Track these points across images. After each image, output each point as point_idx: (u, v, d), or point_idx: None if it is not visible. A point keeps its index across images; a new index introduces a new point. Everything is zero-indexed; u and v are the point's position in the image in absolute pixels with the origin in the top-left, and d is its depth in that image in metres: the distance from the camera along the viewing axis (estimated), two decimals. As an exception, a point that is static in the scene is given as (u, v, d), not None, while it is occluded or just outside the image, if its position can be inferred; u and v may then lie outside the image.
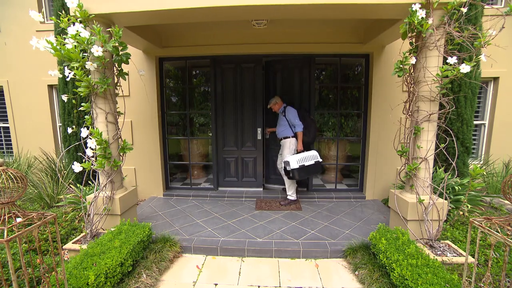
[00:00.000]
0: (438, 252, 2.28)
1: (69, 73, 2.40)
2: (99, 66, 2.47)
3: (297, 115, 3.63)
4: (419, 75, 2.43)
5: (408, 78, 2.55)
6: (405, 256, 1.99)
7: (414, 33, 2.41)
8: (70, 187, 3.56)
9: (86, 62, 2.35)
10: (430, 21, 2.21)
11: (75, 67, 2.36)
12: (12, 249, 2.29)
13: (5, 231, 1.33)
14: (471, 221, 1.46)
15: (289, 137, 3.65)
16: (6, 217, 1.43)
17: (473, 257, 2.16)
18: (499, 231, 1.31)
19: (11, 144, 4.86)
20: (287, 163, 3.50)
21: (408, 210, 2.49)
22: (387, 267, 2.08)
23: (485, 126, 4.46)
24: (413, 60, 2.35)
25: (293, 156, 3.53)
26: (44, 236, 2.66)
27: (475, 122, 4.37)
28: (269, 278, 2.37)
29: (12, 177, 1.42)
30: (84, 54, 2.44)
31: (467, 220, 2.90)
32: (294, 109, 3.67)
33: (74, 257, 2.04)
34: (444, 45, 2.38)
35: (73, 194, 3.34)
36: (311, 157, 3.58)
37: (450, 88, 3.68)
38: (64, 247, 2.49)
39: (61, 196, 3.53)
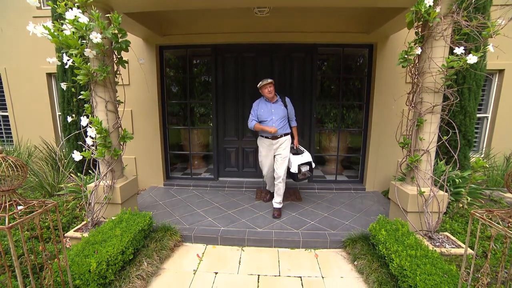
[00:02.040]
0: (437, 244, 2.30)
1: (68, 60, 2.35)
2: (98, 54, 2.43)
3: None
4: (424, 65, 2.38)
5: (413, 69, 2.51)
6: (405, 247, 2.01)
7: (421, 22, 2.35)
8: (71, 176, 3.56)
9: (85, 49, 2.30)
10: (437, 9, 2.15)
11: (73, 54, 2.32)
12: (14, 237, 2.31)
13: (7, 218, 1.33)
14: (472, 213, 1.46)
15: (289, 134, 3.20)
16: (7, 204, 1.43)
17: (472, 249, 2.19)
18: (500, 223, 1.31)
19: (10, 133, 4.84)
20: (304, 164, 3.16)
21: (408, 202, 2.50)
22: (386, 258, 2.10)
23: (487, 119, 4.42)
24: (418, 50, 2.30)
25: (307, 154, 3.24)
26: (46, 224, 2.68)
27: (478, 115, 4.33)
28: (269, 267, 2.40)
29: (12, 165, 1.41)
30: (83, 41, 2.39)
31: (466, 213, 2.92)
32: None
33: (76, 245, 2.06)
34: (451, 35, 2.33)
35: (73, 183, 3.35)
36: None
37: (455, 79, 3.63)
38: (65, 235, 2.51)
39: (62, 185, 3.54)
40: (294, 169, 3.11)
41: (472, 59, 2.05)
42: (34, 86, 4.51)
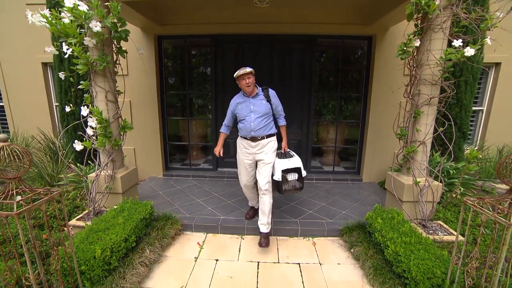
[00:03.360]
0: (430, 231, 2.39)
1: (67, 49, 2.34)
2: (98, 43, 2.41)
3: None
4: (422, 58, 2.41)
5: (411, 61, 2.54)
6: (400, 234, 2.08)
7: (420, 14, 2.36)
8: (71, 166, 3.57)
9: (85, 38, 2.29)
10: (437, 1, 2.16)
11: (72, 43, 2.30)
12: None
13: (15, 205, 1.36)
14: (464, 200, 1.53)
15: (274, 135, 2.61)
16: (14, 192, 1.45)
17: (463, 236, 2.28)
18: (491, 210, 1.37)
19: (6, 123, 4.80)
20: (292, 171, 2.53)
21: (404, 192, 2.57)
22: (381, 245, 2.18)
23: (483, 112, 4.49)
24: (417, 43, 2.33)
25: (296, 159, 2.60)
26: (48, 213, 2.72)
27: (473, 108, 4.39)
28: (268, 255, 2.47)
29: (18, 152, 1.43)
30: (81, 30, 2.37)
31: (459, 202, 3.01)
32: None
33: (80, 233, 2.10)
34: (450, 28, 2.35)
35: (73, 174, 3.36)
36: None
37: (452, 72, 3.67)
38: (68, 223, 2.55)
39: (62, 175, 3.55)
40: (277, 177, 2.50)
41: (469, 51, 2.08)
42: (29, 76, 4.45)
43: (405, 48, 2.38)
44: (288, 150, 2.76)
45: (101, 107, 2.61)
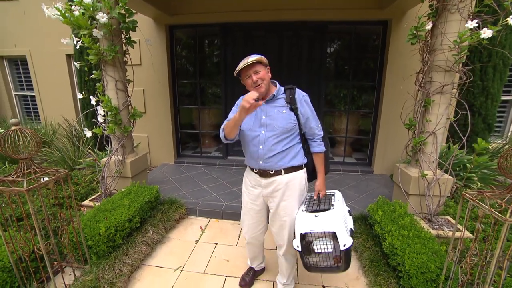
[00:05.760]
0: (436, 226, 2.28)
1: (77, 41, 2.47)
2: (106, 34, 2.52)
3: None
4: (436, 42, 2.23)
5: (424, 46, 2.36)
6: (398, 227, 2.02)
7: (435, -7, 2.18)
8: (89, 152, 3.83)
9: (93, 29, 2.40)
10: (452, -22, 1.98)
11: (83, 35, 2.42)
12: (35, 204, 2.59)
13: (25, 182, 1.51)
14: (463, 194, 1.44)
15: (302, 168, 1.61)
16: (26, 172, 1.61)
17: (472, 233, 2.16)
18: (488, 204, 1.28)
19: (38, 112, 5.22)
20: (324, 238, 1.43)
21: (410, 184, 2.45)
22: (380, 237, 2.13)
23: (516, 102, 4.10)
24: (429, 25, 2.15)
25: (333, 216, 1.46)
26: (68, 193, 2.96)
27: (504, 98, 4.00)
28: (268, 242, 2.49)
29: (27, 135, 1.57)
30: (93, 21, 2.48)
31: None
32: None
33: (88, 211, 2.28)
34: (470, 8, 2.14)
35: (91, 158, 3.61)
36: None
37: (478, 58, 3.35)
38: (82, 204, 2.77)
39: (81, 160, 3.83)
40: (295, 244, 1.47)
41: (486, 33, 1.89)
42: (55, 67, 4.76)
43: (415, 32, 2.22)
44: (328, 194, 1.69)
45: (111, 96, 2.74)
